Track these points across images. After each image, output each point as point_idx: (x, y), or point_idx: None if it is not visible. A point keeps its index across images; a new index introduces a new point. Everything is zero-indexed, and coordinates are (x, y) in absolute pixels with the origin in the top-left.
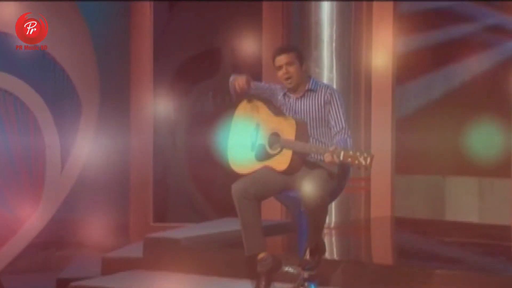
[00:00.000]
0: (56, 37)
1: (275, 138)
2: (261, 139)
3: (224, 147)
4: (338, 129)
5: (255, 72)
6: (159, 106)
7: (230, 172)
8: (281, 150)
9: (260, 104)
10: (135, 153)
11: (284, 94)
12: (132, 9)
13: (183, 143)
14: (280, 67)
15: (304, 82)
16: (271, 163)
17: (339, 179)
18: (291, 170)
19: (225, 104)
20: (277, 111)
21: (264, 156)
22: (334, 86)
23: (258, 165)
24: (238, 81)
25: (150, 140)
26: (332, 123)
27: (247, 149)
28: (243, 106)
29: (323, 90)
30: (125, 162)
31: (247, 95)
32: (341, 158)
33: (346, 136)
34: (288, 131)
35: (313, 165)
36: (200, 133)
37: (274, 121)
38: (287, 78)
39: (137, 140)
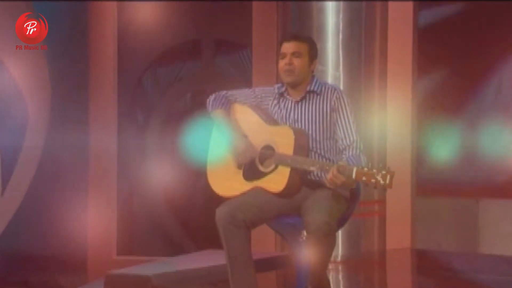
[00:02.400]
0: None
1: (268, 153)
2: None
3: (204, 163)
4: (348, 142)
5: (243, 72)
6: (125, 115)
7: (212, 194)
8: (276, 167)
9: (248, 110)
10: (95, 170)
11: (281, 96)
12: (92, 9)
13: (154, 159)
14: (284, 55)
15: (307, 82)
16: (264, 183)
17: (348, 201)
18: (289, 192)
19: (206, 109)
20: (270, 119)
21: (254, 175)
22: (341, 87)
23: (247, 187)
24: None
25: (114, 155)
26: (340, 134)
27: (233, 167)
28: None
29: (328, 93)
30: (83, 182)
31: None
32: (354, 176)
33: (358, 151)
34: (284, 143)
35: (316, 185)
36: (176, 146)
37: (266, 131)
38: (287, 71)
39: (98, 155)
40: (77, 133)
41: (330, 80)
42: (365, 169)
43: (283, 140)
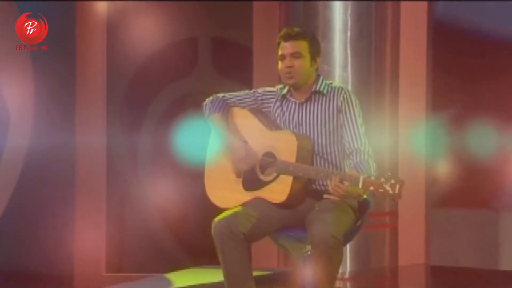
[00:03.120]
0: None
1: (269, 160)
2: None
3: (201, 171)
4: (354, 146)
5: (243, 73)
6: (115, 119)
7: (208, 205)
8: (277, 176)
9: (247, 114)
10: (82, 179)
11: (283, 98)
12: (80, 9)
13: (146, 167)
14: (283, 57)
15: (311, 82)
16: (265, 193)
17: (356, 212)
18: (292, 202)
19: (202, 113)
20: (271, 123)
21: (254, 184)
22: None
23: (246, 197)
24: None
25: (103, 162)
26: (347, 138)
27: (232, 176)
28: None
29: (335, 93)
30: (69, 192)
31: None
32: (360, 185)
33: (366, 156)
34: (286, 150)
35: (321, 195)
36: (170, 153)
37: (267, 137)
38: (288, 73)
39: (85, 164)
40: (63, 138)
41: (337, 81)
42: (373, 177)
43: (285, 147)
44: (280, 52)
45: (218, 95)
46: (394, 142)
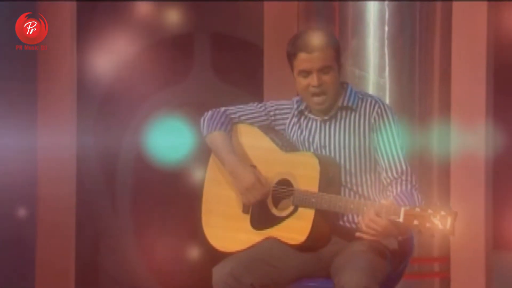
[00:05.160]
0: None
1: (284, 190)
2: None
3: (198, 205)
4: (393, 176)
5: (251, 79)
6: (86, 139)
7: (207, 247)
8: (295, 210)
9: (257, 132)
10: (45, 216)
11: (301, 114)
12: (44, 10)
13: (126, 198)
14: (305, 73)
15: (337, 95)
16: (279, 232)
17: (396, 257)
18: (314, 243)
19: (199, 131)
20: (287, 144)
21: (266, 221)
22: (387, 100)
23: (255, 237)
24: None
25: (72, 194)
26: (384, 164)
27: (236, 210)
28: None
29: (367, 107)
30: (29, 231)
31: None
32: (402, 219)
33: (409, 186)
34: (306, 176)
35: (351, 234)
36: (156, 181)
37: (282, 160)
38: (319, 95)
39: (50, 195)
40: (25, 159)
41: (370, 89)
42: (417, 209)
43: (304, 172)
44: (301, 67)
45: (220, 108)
46: (445, 166)
